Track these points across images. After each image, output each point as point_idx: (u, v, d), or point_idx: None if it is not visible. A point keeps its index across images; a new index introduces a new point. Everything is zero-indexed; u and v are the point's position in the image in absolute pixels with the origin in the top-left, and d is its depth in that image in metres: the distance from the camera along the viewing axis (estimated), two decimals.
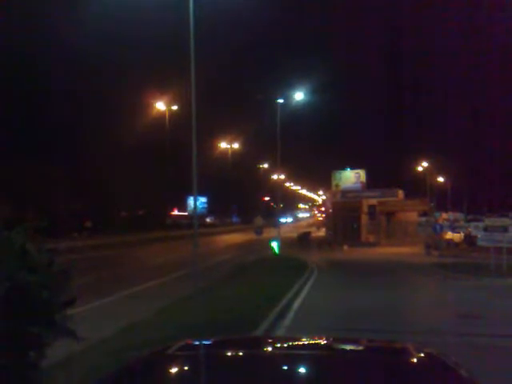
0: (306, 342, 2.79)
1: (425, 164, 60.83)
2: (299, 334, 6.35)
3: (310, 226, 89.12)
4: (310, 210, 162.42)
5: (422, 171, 61.39)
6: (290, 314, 10.89)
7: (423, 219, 43.04)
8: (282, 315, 10.47)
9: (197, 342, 2.63)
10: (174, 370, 2.13)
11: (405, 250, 35.60)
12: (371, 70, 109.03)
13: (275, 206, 54.13)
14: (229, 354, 2.36)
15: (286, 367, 2.15)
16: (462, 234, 38.97)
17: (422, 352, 2.23)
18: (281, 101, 31.39)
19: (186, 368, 2.14)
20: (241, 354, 2.34)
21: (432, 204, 48.16)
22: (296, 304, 12.29)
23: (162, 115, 47.89)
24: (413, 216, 47.42)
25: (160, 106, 47.12)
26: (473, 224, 39.22)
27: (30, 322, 3.50)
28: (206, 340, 2.74)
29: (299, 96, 32.53)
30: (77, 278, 4.01)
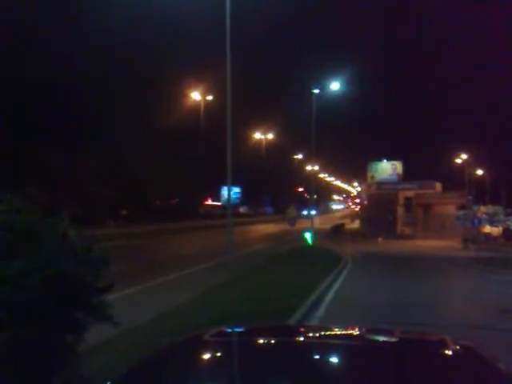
0: (339, 332, 2.77)
1: (464, 156, 59.39)
2: (332, 324, 6.32)
3: (344, 217, 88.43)
4: (345, 201, 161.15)
5: (460, 163, 59.98)
6: (323, 305, 10.85)
7: (461, 212, 42.14)
8: (314, 306, 10.44)
9: (230, 329, 2.66)
10: (207, 356, 2.16)
11: (441, 243, 34.98)
12: (409, 60, 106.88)
13: (309, 197, 53.88)
14: (261, 341, 2.38)
15: (317, 356, 2.14)
16: (501, 228, 38.04)
17: (459, 344, 2.18)
18: (317, 91, 31.12)
19: (219, 354, 2.16)
20: (273, 341, 2.35)
21: (470, 197, 47.02)
22: (329, 295, 12.24)
23: (197, 105, 48.19)
24: (450, 209, 46.48)
25: (195, 95, 47.40)
26: None
27: (69, 307, 3.59)
28: (238, 327, 2.76)
29: (335, 86, 32.20)
30: (112, 266, 4.07)
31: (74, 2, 40.60)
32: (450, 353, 2.16)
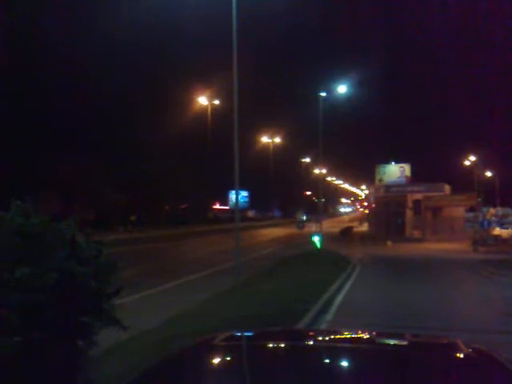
0: (349, 336, 2.76)
1: (473, 158, 59.02)
2: (342, 328, 6.31)
3: (353, 220, 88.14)
4: (353, 204, 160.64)
5: (469, 165, 59.60)
6: (332, 309, 10.81)
7: (470, 215, 41.81)
8: (323, 310, 10.41)
9: (240, 334, 2.66)
10: (218, 360, 2.17)
11: (451, 246, 34.76)
12: (417, 62, 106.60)
13: (317, 201, 53.81)
14: (271, 345, 2.38)
15: (328, 360, 2.14)
16: (511, 230, 37.70)
17: (471, 347, 2.16)
18: (323, 94, 31.09)
19: (230, 358, 2.17)
20: (283, 345, 2.35)
21: (479, 199, 46.72)
22: (338, 299, 12.19)
23: (204, 110, 48.33)
24: (460, 211, 46.11)
25: (202, 100, 47.54)
26: None
27: (79, 311, 3.61)
28: (249, 332, 2.77)
29: (342, 89, 32.14)
30: (122, 270, 4.10)
31: (82, 9, 41.00)
32: (463, 356, 2.13)
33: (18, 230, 3.49)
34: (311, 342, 2.53)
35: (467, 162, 59.77)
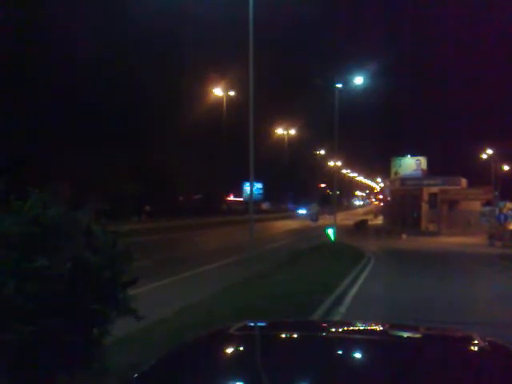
0: (363, 328, 2.75)
1: (489, 151, 58.30)
2: (355, 320, 6.29)
3: (367, 213, 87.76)
4: (368, 197, 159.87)
5: (486, 159, 58.89)
6: (346, 302, 10.80)
7: (487, 209, 41.38)
8: (337, 302, 10.41)
9: (255, 324, 2.67)
10: (233, 350, 2.18)
11: (467, 240, 34.45)
12: (433, 55, 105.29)
13: (331, 193, 53.63)
14: (286, 335, 2.39)
15: (341, 351, 2.14)
16: None
17: (487, 341, 2.12)
18: (339, 86, 30.82)
19: (244, 348, 2.18)
20: (298, 336, 2.35)
21: (496, 193, 46.15)
22: (352, 292, 12.17)
23: (219, 101, 48.31)
24: (476, 205, 45.68)
25: (218, 91, 47.51)
26: None
27: (94, 301, 3.64)
28: (263, 322, 2.77)
29: (359, 80, 31.87)
30: (136, 260, 4.13)
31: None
32: (478, 349, 2.11)
33: (35, 220, 3.53)
34: (324, 333, 2.53)
35: (484, 156, 59.07)
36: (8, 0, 31.57)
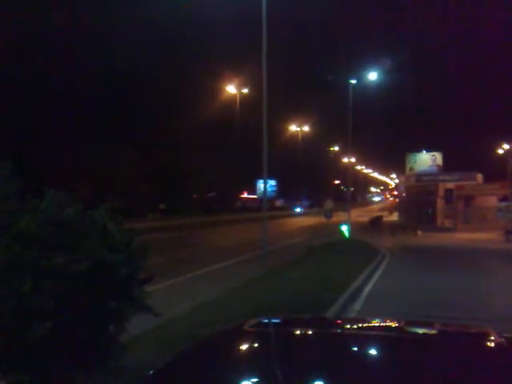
0: (378, 324, 2.74)
1: (506, 146, 57.55)
2: (371, 317, 6.26)
3: (382, 210, 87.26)
4: (382, 193, 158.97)
5: (502, 154, 58.16)
6: (361, 299, 10.76)
7: (503, 204, 40.96)
8: (352, 299, 10.37)
9: (269, 320, 2.68)
10: (248, 346, 2.19)
11: (483, 236, 34.10)
12: (448, 50, 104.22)
13: (345, 190, 53.42)
14: (301, 332, 2.39)
15: (357, 347, 2.13)
16: None
17: (503, 337, 2.11)
18: (353, 81, 30.65)
19: (260, 344, 2.19)
20: (312, 332, 2.36)
21: None
22: (367, 289, 12.11)
23: (232, 98, 48.34)
24: (492, 201, 45.22)
25: (231, 89, 47.54)
26: None
27: (110, 298, 3.68)
28: (277, 318, 2.78)
29: (373, 76, 31.67)
30: (152, 258, 4.16)
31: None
32: (495, 345, 2.10)
33: (52, 220, 3.57)
34: (339, 330, 2.53)
35: (500, 151, 58.35)
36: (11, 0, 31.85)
